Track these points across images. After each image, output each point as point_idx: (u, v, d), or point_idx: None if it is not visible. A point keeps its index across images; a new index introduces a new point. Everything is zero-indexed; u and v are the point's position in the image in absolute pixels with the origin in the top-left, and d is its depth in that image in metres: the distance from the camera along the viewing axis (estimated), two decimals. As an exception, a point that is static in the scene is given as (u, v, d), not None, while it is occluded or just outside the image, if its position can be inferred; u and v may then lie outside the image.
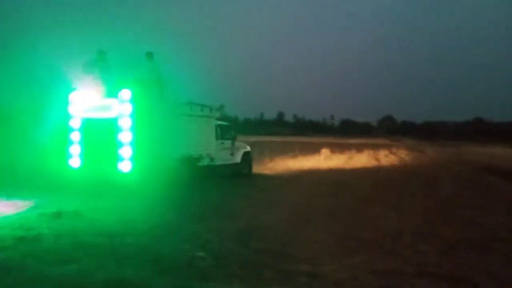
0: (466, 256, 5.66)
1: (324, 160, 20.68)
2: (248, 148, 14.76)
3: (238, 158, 14.02)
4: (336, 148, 29.62)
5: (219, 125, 13.24)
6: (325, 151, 21.86)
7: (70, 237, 6.12)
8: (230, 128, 14.09)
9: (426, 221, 7.81)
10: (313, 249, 5.83)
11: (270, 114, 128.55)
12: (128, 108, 9.69)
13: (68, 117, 10.27)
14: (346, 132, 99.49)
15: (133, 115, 9.68)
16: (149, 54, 10.96)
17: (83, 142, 10.19)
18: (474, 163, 21.24)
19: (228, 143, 13.55)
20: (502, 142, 51.16)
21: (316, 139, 54.88)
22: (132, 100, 9.70)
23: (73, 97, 10.30)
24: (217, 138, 12.86)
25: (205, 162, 12.04)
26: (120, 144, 9.62)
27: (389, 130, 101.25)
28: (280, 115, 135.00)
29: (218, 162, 12.71)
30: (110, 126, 9.75)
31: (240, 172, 14.01)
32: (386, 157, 25.54)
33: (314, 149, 25.46)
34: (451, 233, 6.97)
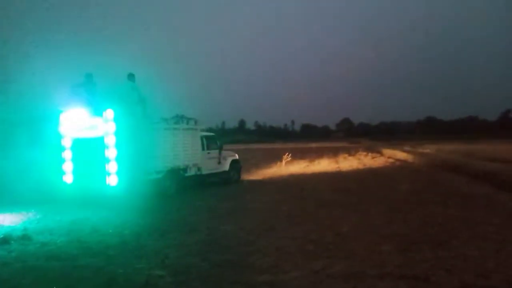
0: (425, 254, 5.77)
1: (286, 166, 20.78)
2: (236, 156, 15.63)
3: (226, 166, 14.79)
4: (297, 153, 29.94)
5: (205, 136, 14.05)
6: (286, 157, 21.96)
7: (19, 262, 5.74)
8: (215, 138, 14.91)
9: (385, 221, 7.93)
10: (274, 257, 5.75)
11: (232, 123, 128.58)
12: (112, 127, 10.48)
13: (59, 136, 11.12)
14: (307, 136, 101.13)
15: (117, 133, 10.48)
16: (131, 75, 11.69)
17: (74, 159, 11.02)
18: (430, 160, 21.99)
19: (214, 152, 14.32)
20: (453, 138, 53.68)
21: (277, 145, 55.34)
22: (116, 119, 10.48)
23: (63, 117, 11.13)
24: (203, 149, 13.66)
25: (192, 172, 12.92)
26: (107, 160, 10.42)
27: (348, 132, 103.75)
28: (242, 123, 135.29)
29: (205, 171, 13.57)
30: (97, 144, 10.55)
31: (229, 179, 14.79)
32: (345, 160, 26.06)
33: (275, 155, 25.62)
34: (409, 231, 7.12)
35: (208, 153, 13.98)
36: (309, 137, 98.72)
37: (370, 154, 30.65)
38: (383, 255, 5.78)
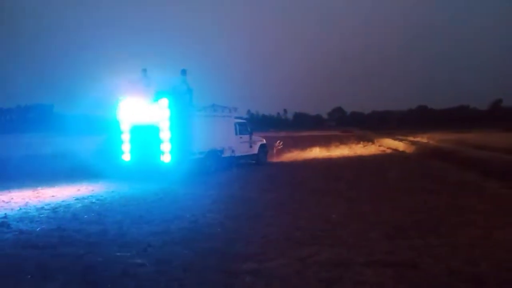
0: (413, 241, 5.68)
1: (277, 153, 20.61)
2: (264, 141, 17.70)
3: (256, 150, 16.75)
4: (290, 142, 29.77)
5: (238, 123, 15.83)
6: (277, 145, 21.77)
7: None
8: (247, 125, 16.79)
9: (374, 208, 7.84)
10: (260, 244, 5.64)
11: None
12: (166, 113, 12.32)
13: (119, 121, 13.18)
14: (300, 125, 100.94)
15: (170, 118, 12.30)
16: (183, 70, 13.39)
17: (132, 141, 13.06)
18: (421, 148, 21.99)
19: (246, 137, 16.13)
20: (445, 127, 53.82)
21: (270, 134, 55.10)
22: (169, 107, 12.29)
23: (122, 105, 13.14)
24: (236, 134, 15.48)
25: (228, 154, 14.68)
26: (162, 141, 12.31)
27: (340, 121, 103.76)
28: (248, 112, 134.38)
29: (238, 153, 15.40)
30: (153, 128, 12.45)
31: (258, 161, 16.71)
32: (337, 148, 25.93)
33: (268, 144, 25.36)
34: (398, 218, 7.04)
35: (241, 137, 15.70)
36: (301, 125, 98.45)
37: (361, 142, 30.58)
38: (371, 242, 5.69)
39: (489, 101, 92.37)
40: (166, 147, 12.32)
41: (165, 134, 12.33)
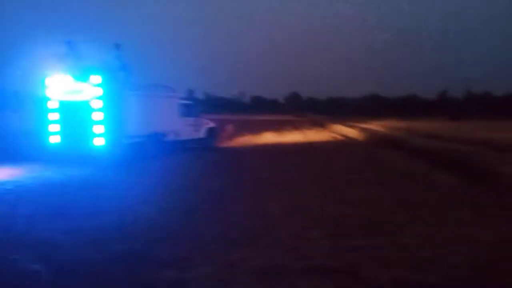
0: (356, 241, 5.18)
1: (228, 138, 19.90)
2: (212, 124, 16.73)
3: (203, 133, 15.84)
4: (243, 126, 29.14)
5: (183, 104, 14.79)
6: (229, 129, 21.06)
7: None
8: (193, 106, 15.71)
9: (320, 202, 7.33)
10: (187, 246, 4.91)
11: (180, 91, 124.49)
12: (98, 91, 11.22)
13: (46, 99, 11.83)
14: (256, 109, 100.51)
15: (103, 97, 11.22)
16: (117, 45, 12.43)
17: (61, 122, 11.77)
18: (371, 135, 22.05)
19: (192, 120, 15.09)
20: (395, 115, 55.30)
21: (224, 116, 54.14)
22: (102, 84, 11.24)
23: (49, 81, 11.81)
24: (181, 116, 14.36)
25: (171, 137, 13.62)
26: (93, 123, 11.17)
27: (296, 106, 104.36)
28: (190, 92, 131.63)
29: (183, 137, 14.42)
30: (84, 107, 11.29)
31: (206, 146, 15.74)
32: (289, 134, 25.64)
33: (219, 127, 24.55)
34: (343, 213, 6.55)
35: (186, 120, 14.71)
36: (258, 109, 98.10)
37: (314, 128, 30.53)
38: (311, 242, 5.13)
39: (436, 92, 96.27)
40: (98, 129, 11.25)
41: (98, 115, 11.24)
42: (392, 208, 6.87)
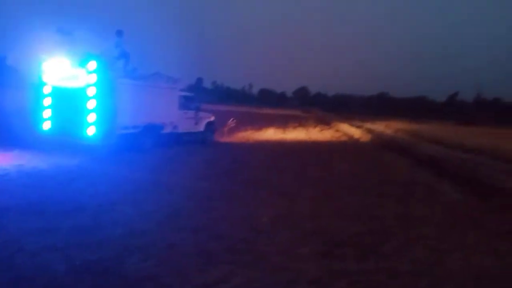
0: (347, 263, 4.71)
1: (229, 132, 19.37)
2: (212, 118, 16.13)
3: (202, 127, 15.28)
4: (247, 119, 28.61)
5: (183, 96, 14.23)
6: (231, 123, 20.49)
7: None
8: (194, 99, 15.09)
9: (313, 211, 6.86)
10: (160, 259, 4.47)
11: (189, 80, 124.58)
12: (93, 78, 10.71)
13: (41, 84, 11.42)
14: (263, 101, 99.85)
15: (98, 85, 10.68)
16: (119, 32, 11.95)
17: (53, 108, 11.38)
18: (376, 137, 21.46)
19: (192, 113, 14.54)
20: (403, 116, 54.47)
21: (230, 108, 53.58)
22: (98, 71, 10.69)
23: (45, 66, 11.38)
24: (180, 108, 13.79)
25: (169, 130, 13.11)
26: (87, 111, 10.68)
27: (303, 101, 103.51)
28: (199, 81, 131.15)
29: (181, 130, 13.87)
30: (78, 94, 10.80)
31: (204, 140, 15.22)
32: (293, 130, 25.03)
33: (224, 120, 24.04)
34: (337, 227, 6.08)
35: (185, 112, 14.17)
36: (265, 102, 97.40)
37: (319, 126, 29.88)
38: (298, 262, 4.67)
39: (447, 94, 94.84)
40: (91, 117, 10.72)
41: (91, 103, 10.71)
42: (391, 225, 6.37)
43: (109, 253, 4.53)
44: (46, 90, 11.46)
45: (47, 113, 11.49)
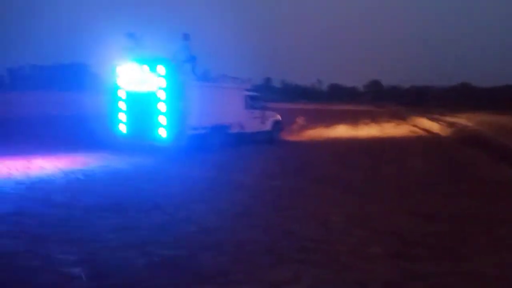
0: (421, 264, 4.52)
1: (297, 130, 19.35)
2: (279, 117, 16.15)
3: (268, 126, 15.35)
4: (317, 116, 28.41)
5: (249, 96, 14.41)
6: (299, 121, 20.47)
7: None
8: (259, 98, 15.32)
9: (386, 210, 6.65)
10: (232, 257, 4.61)
11: (258, 80, 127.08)
12: (163, 82, 11.23)
13: (117, 89, 12.11)
14: (333, 97, 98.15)
15: (167, 88, 11.20)
16: (185, 35, 12.28)
17: (129, 111, 12.06)
18: (457, 132, 20.12)
19: (258, 112, 14.69)
20: (488, 107, 50.33)
21: (298, 106, 53.36)
22: (167, 75, 11.20)
23: (119, 71, 12.02)
24: (246, 108, 14.06)
25: (236, 130, 13.41)
26: (158, 114, 11.26)
27: (375, 95, 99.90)
28: (267, 80, 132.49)
29: (248, 130, 14.08)
30: (149, 98, 11.39)
31: (271, 139, 15.30)
32: (365, 126, 24.37)
33: (290, 119, 24.10)
34: (411, 226, 5.84)
35: (252, 112, 14.35)
36: (335, 98, 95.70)
37: (393, 121, 28.71)
38: (369, 262, 4.57)
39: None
40: (162, 120, 11.30)
41: (162, 106, 11.28)
42: (470, 225, 5.98)
43: (184, 249, 4.78)
44: (121, 94, 12.15)
45: (122, 117, 12.20)
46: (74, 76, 72.32)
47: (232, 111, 13.23)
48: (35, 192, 7.18)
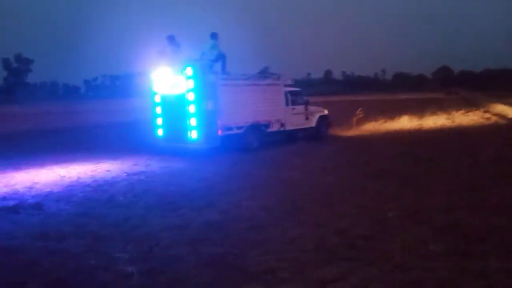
0: (484, 261, 4.17)
1: (356, 123, 18.72)
2: (325, 112, 15.48)
3: (313, 122, 14.70)
4: (379, 107, 27.37)
5: (289, 92, 13.84)
6: (358, 113, 19.78)
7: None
8: (301, 93, 14.65)
9: (448, 203, 6.23)
10: (281, 254, 4.57)
11: (318, 73, 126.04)
12: (191, 84, 11.11)
13: (153, 93, 12.23)
14: (398, 86, 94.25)
15: (196, 89, 11.07)
16: (213, 34, 12.16)
17: (164, 115, 12.14)
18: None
19: (300, 108, 14.17)
20: None
21: (360, 97, 51.79)
22: (194, 76, 11.06)
23: (154, 76, 12.05)
24: (287, 104, 13.59)
25: (275, 127, 13.09)
26: (189, 115, 11.18)
27: (445, 81, 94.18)
28: (328, 73, 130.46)
29: (289, 127, 13.62)
30: (181, 100, 11.33)
31: (317, 135, 14.71)
32: (431, 115, 22.97)
33: (350, 111, 23.40)
34: (474, 221, 5.41)
35: (293, 108, 13.86)
36: (400, 87, 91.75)
37: (464, 108, 26.74)
38: (426, 260, 4.30)
39: None
40: (193, 122, 11.20)
41: (192, 108, 11.18)
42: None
43: (233, 247, 4.83)
44: (157, 98, 12.23)
45: (159, 121, 12.31)
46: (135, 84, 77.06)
47: (271, 109, 12.89)
48: (100, 194, 7.67)
